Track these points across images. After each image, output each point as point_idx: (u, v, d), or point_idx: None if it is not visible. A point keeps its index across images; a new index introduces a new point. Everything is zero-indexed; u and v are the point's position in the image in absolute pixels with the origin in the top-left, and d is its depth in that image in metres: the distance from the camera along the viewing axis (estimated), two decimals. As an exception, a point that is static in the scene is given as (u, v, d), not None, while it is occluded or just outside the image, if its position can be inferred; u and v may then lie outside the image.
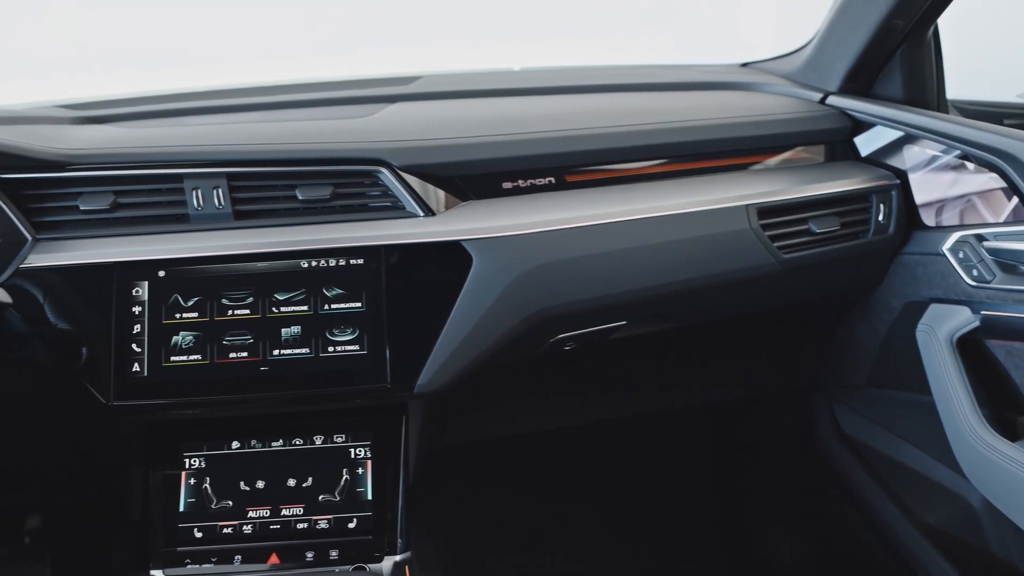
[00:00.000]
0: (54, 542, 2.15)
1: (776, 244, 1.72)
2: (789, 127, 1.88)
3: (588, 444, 2.31)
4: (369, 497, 1.55)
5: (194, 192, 1.58)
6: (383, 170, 1.59)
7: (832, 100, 1.94)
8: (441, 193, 1.62)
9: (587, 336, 1.68)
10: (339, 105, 1.92)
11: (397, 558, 1.52)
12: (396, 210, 1.60)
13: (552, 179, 1.69)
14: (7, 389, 1.28)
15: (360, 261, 1.53)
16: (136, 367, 1.51)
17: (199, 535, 1.53)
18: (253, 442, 1.58)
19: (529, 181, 1.67)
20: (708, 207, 1.70)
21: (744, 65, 2.26)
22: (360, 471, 1.56)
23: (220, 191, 1.58)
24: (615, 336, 1.73)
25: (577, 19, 2.60)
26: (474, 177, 1.64)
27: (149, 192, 1.60)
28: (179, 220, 1.59)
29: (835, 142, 1.91)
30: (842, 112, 1.91)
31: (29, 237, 1.57)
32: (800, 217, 1.76)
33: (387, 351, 1.50)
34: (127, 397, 1.50)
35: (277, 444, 1.58)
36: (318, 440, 1.58)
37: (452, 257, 1.54)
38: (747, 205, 1.71)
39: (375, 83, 2.04)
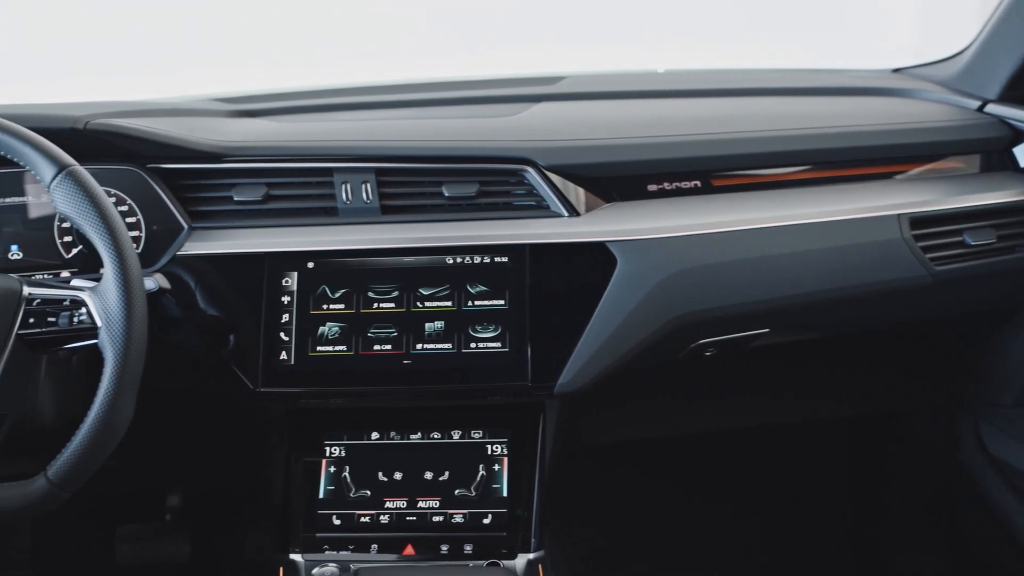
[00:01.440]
0: (194, 521, 2.22)
1: (928, 256, 1.66)
2: (944, 135, 1.82)
3: (722, 451, 2.28)
4: (504, 494, 1.56)
5: (343, 186, 1.61)
6: (529, 169, 1.60)
7: (991, 108, 1.87)
8: (585, 193, 1.62)
9: (729, 342, 1.65)
10: (484, 104, 1.94)
11: (531, 556, 1.52)
12: (540, 209, 1.60)
13: (698, 182, 1.67)
14: (160, 371, 1.33)
15: (505, 259, 1.54)
16: (283, 355, 1.54)
17: (337, 522, 1.56)
18: (392, 434, 1.60)
19: (675, 184, 1.66)
20: (858, 215, 1.66)
21: (896, 71, 2.20)
22: (496, 467, 1.57)
23: (369, 186, 1.61)
24: (756, 344, 1.70)
25: (712, 21, 2.56)
26: (620, 178, 1.64)
27: (300, 185, 1.64)
28: (328, 213, 1.63)
29: (992, 152, 1.84)
30: (1001, 121, 1.84)
31: (185, 225, 1.62)
32: (954, 229, 1.70)
33: (528, 350, 1.51)
34: (274, 384, 1.54)
35: (415, 437, 1.60)
36: (455, 435, 1.59)
37: (596, 258, 1.53)
38: (899, 214, 1.66)
39: (519, 83, 2.05)
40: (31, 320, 1.32)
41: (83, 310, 1.31)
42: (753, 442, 2.30)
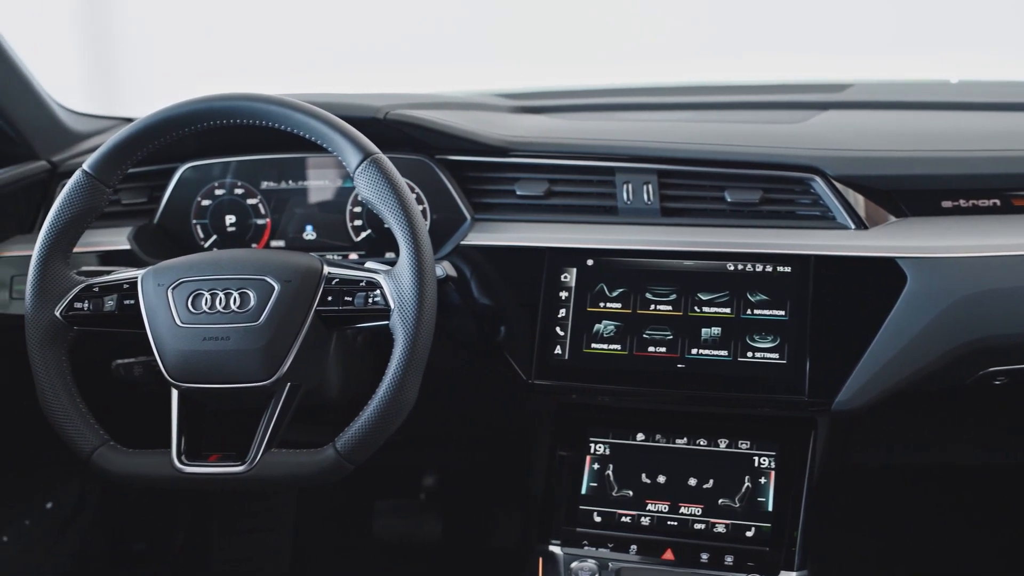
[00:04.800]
0: (446, 502, 2.29)
1: None
2: None
3: (1003, 485, 2.15)
4: (770, 508, 1.52)
5: (625, 186, 1.62)
6: (816, 178, 1.55)
7: None
8: (872, 206, 1.56)
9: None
10: (768, 109, 1.90)
11: (793, 574, 1.48)
12: (825, 220, 1.56)
13: (997, 201, 1.57)
14: (437, 355, 1.37)
15: (787, 269, 1.51)
16: (558, 350, 1.56)
17: (598, 519, 1.57)
18: (657, 436, 1.60)
19: (971, 201, 1.57)
20: None
21: None
22: (763, 480, 1.54)
23: (650, 187, 1.61)
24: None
25: (1008, 28, 2.42)
26: (912, 192, 1.56)
27: (582, 183, 1.66)
28: (607, 212, 1.64)
29: None
30: None
31: (469, 216, 1.67)
32: None
33: (807, 363, 1.47)
34: (547, 377, 1.57)
35: (681, 442, 1.59)
36: (722, 443, 1.57)
37: (885, 274, 1.48)
38: None
39: (804, 89, 2.00)
40: (329, 298, 1.39)
41: (377, 292, 1.37)
42: None
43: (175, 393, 1.40)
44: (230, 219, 1.79)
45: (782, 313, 1.50)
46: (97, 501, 2.22)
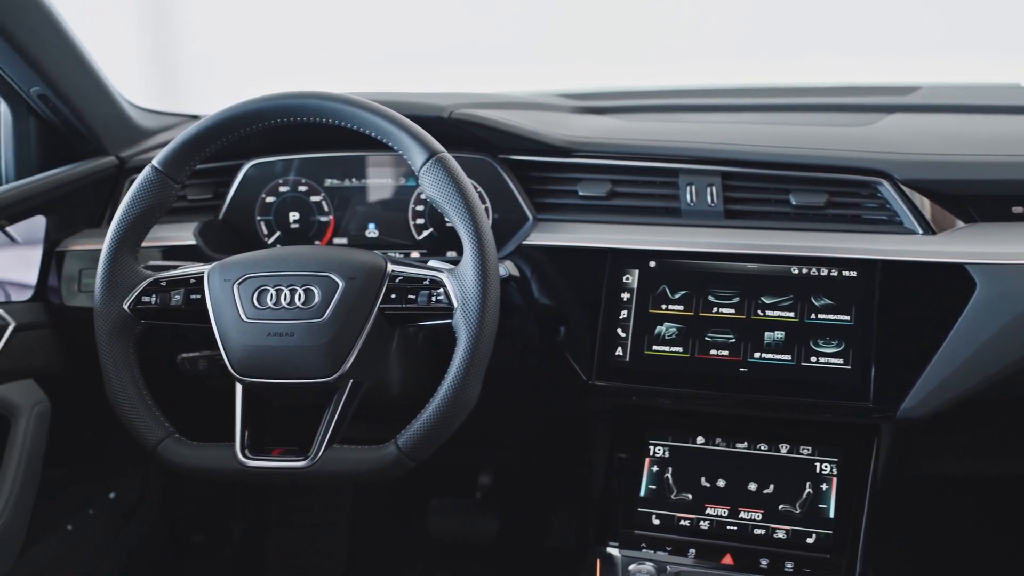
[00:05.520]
0: (502, 502, 2.29)
1: None
2: None
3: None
4: (831, 515, 1.51)
5: (688, 187, 1.61)
6: (884, 182, 1.53)
7: None
8: (939, 211, 1.54)
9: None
10: (833, 112, 1.88)
11: (855, 583, 1.47)
12: (892, 225, 1.54)
13: (1070, 207, 1.55)
14: (496, 355, 1.37)
15: (853, 274, 1.49)
16: (619, 351, 1.56)
17: (656, 522, 1.56)
18: (718, 440, 1.59)
19: (1044, 207, 1.54)
20: None
21: None
22: (824, 487, 1.52)
23: (714, 188, 1.60)
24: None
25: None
26: (982, 198, 1.54)
27: (645, 184, 1.65)
28: (670, 213, 1.63)
29: None
30: None
31: (531, 216, 1.67)
32: None
33: (873, 369, 1.45)
34: (607, 378, 1.56)
35: (741, 446, 1.57)
36: (783, 448, 1.56)
37: (953, 280, 1.45)
38: None
39: (870, 91, 1.98)
40: (392, 296, 1.39)
41: (440, 290, 1.37)
42: None
43: (239, 387, 1.41)
44: (294, 216, 1.80)
45: (847, 318, 1.48)
46: (158, 492, 2.25)
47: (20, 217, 1.77)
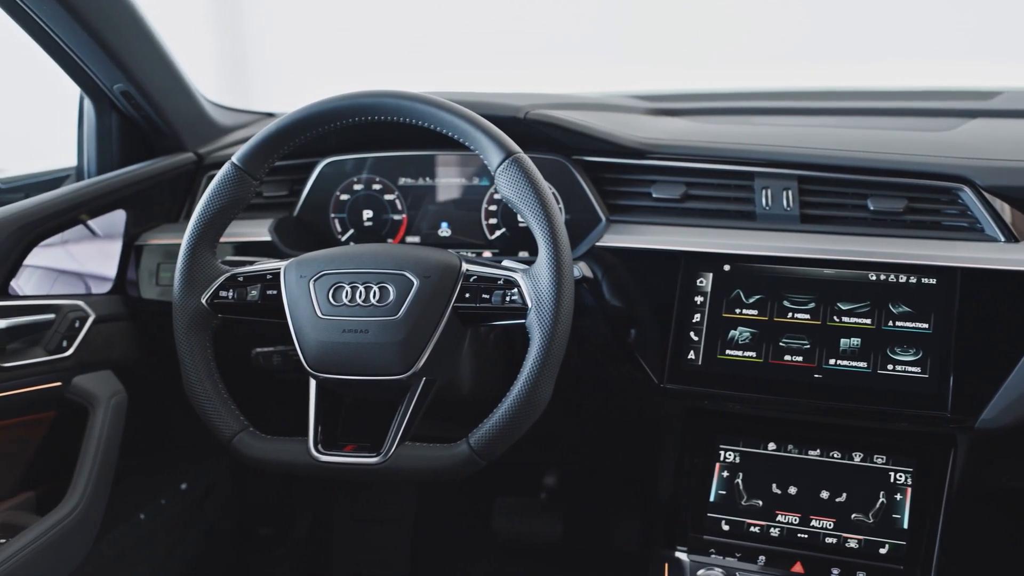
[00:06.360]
0: (567, 503, 2.29)
1: None
2: None
3: None
4: (905, 526, 1.48)
5: (764, 191, 1.59)
6: (965, 188, 1.51)
7: None
8: (1022, 218, 1.51)
9: None
10: (912, 116, 1.85)
11: (931, 596, 1.45)
12: (972, 232, 1.51)
13: None
14: (567, 356, 1.37)
15: (932, 281, 1.47)
16: (691, 355, 1.55)
17: (726, 528, 1.55)
18: (789, 447, 1.57)
19: None
20: None
21: None
22: (898, 497, 1.50)
23: (790, 192, 1.58)
24: None
25: None
26: (1066, 205, 1.51)
27: (719, 187, 1.64)
28: (745, 217, 1.62)
29: None
30: None
31: (604, 218, 1.67)
32: None
33: (951, 379, 1.43)
34: (679, 382, 1.55)
35: (814, 453, 1.56)
36: (856, 457, 1.54)
37: None
38: None
39: (950, 95, 1.94)
40: (466, 295, 1.40)
41: (515, 290, 1.37)
42: None
43: (313, 383, 1.43)
44: (367, 214, 1.82)
45: (926, 326, 1.46)
46: (228, 485, 2.28)
47: (101, 211, 1.80)
